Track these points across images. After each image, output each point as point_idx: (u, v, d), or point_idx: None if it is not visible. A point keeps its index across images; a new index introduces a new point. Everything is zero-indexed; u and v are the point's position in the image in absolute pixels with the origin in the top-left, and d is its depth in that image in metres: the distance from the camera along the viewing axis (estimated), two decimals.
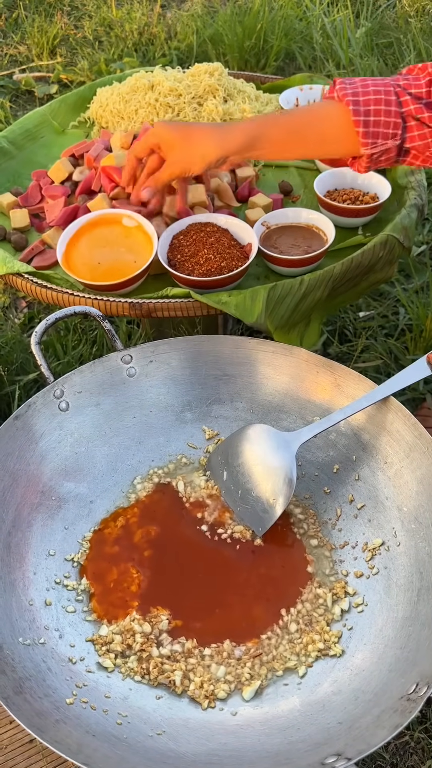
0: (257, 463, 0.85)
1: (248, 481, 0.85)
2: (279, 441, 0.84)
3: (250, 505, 0.84)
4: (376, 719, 0.65)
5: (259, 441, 0.86)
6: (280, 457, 0.83)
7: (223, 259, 1.01)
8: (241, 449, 0.87)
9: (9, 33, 2.12)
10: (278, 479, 0.83)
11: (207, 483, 0.89)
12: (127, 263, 1.02)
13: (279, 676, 0.74)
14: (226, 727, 0.70)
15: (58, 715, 0.67)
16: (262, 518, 0.83)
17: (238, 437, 0.87)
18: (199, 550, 0.83)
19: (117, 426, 0.91)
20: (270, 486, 0.83)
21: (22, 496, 0.82)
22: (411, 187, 1.14)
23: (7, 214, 1.17)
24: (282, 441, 0.84)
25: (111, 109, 1.29)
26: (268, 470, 0.84)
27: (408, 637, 0.71)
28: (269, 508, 0.83)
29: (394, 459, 0.83)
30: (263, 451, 0.85)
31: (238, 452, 0.87)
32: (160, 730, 0.69)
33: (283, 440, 0.84)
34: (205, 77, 1.27)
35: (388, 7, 2.05)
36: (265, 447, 0.85)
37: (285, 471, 0.83)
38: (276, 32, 1.88)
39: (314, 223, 1.08)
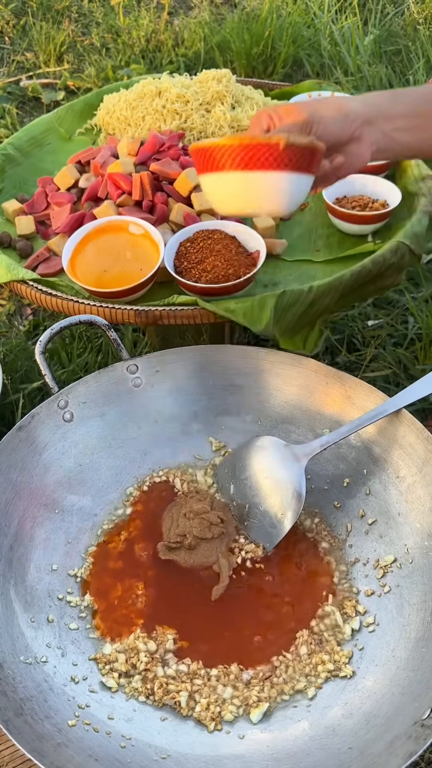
0: (265, 476, 0.83)
1: (256, 495, 0.83)
2: (288, 454, 0.82)
3: (258, 520, 0.82)
4: (389, 745, 0.62)
5: (267, 454, 0.83)
6: (289, 470, 0.81)
7: (230, 266, 0.99)
8: (248, 462, 0.84)
9: (16, 40, 2.12)
10: (287, 493, 0.81)
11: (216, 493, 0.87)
12: (134, 271, 1.01)
13: (287, 699, 0.71)
14: (233, 751, 0.67)
15: (59, 738, 0.64)
16: (270, 533, 0.81)
17: (246, 450, 0.85)
18: (207, 567, 0.80)
19: (122, 437, 0.90)
20: (278, 500, 0.81)
21: (24, 509, 0.80)
22: (422, 193, 1.12)
23: (13, 220, 1.15)
24: (291, 454, 0.82)
25: (118, 115, 1.27)
26: (277, 484, 0.82)
27: (421, 659, 0.69)
28: (278, 523, 0.81)
29: (407, 473, 0.81)
30: (271, 464, 0.83)
31: (245, 465, 0.85)
32: (165, 754, 0.67)
33: (291, 453, 0.82)
34: (212, 84, 1.26)
35: (396, 15, 2.04)
36: (273, 460, 0.83)
37: (294, 485, 0.80)
38: (284, 39, 1.87)
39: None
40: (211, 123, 1.22)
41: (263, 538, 0.81)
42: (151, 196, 1.08)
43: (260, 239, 1.03)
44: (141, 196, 1.08)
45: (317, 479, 0.87)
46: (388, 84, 1.73)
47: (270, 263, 1.05)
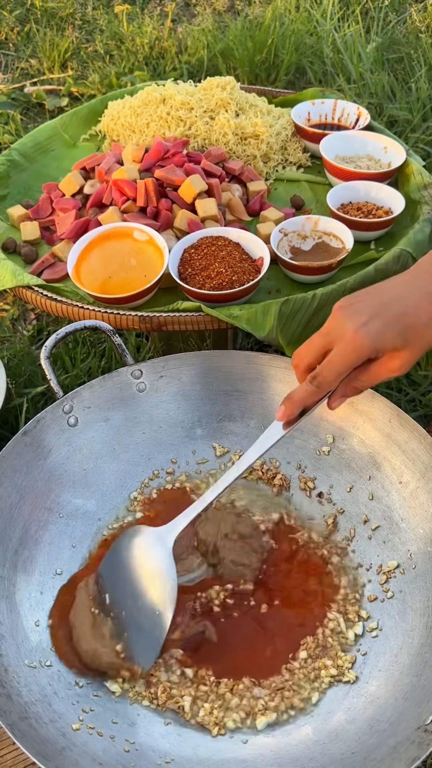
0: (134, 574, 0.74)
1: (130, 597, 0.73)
2: (152, 540, 0.74)
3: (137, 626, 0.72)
4: (392, 750, 0.63)
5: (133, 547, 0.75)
6: (156, 559, 0.73)
7: (234, 273, 0.99)
8: (116, 564, 0.75)
9: (20, 46, 2.13)
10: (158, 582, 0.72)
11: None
12: (138, 277, 1.01)
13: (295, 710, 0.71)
14: (237, 755, 0.68)
15: (64, 741, 0.65)
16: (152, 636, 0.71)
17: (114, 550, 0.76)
18: None
19: (126, 442, 0.90)
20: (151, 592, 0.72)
21: (29, 514, 0.81)
22: (424, 201, 1.13)
23: (18, 226, 1.16)
24: (155, 539, 0.74)
25: (122, 122, 1.28)
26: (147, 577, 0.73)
27: (425, 665, 0.69)
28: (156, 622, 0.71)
29: (410, 479, 0.81)
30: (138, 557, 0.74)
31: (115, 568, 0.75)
32: (169, 758, 0.67)
33: (156, 537, 0.74)
34: (217, 91, 1.27)
35: (398, 23, 2.06)
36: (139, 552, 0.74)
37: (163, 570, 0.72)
38: (287, 47, 1.88)
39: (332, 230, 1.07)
40: (216, 130, 1.23)
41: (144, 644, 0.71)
42: (156, 203, 1.09)
43: (264, 246, 1.03)
44: (145, 203, 1.08)
45: (321, 485, 0.87)
46: (390, 91, 1.74)
47: (274, 270, 1.06)
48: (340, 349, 0.69)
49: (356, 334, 0.68)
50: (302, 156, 1.28)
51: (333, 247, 1.07)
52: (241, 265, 1.01)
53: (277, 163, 1.27)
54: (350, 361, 0.69)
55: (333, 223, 1.07)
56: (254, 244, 1.04)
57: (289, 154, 1.28)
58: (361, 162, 1.22)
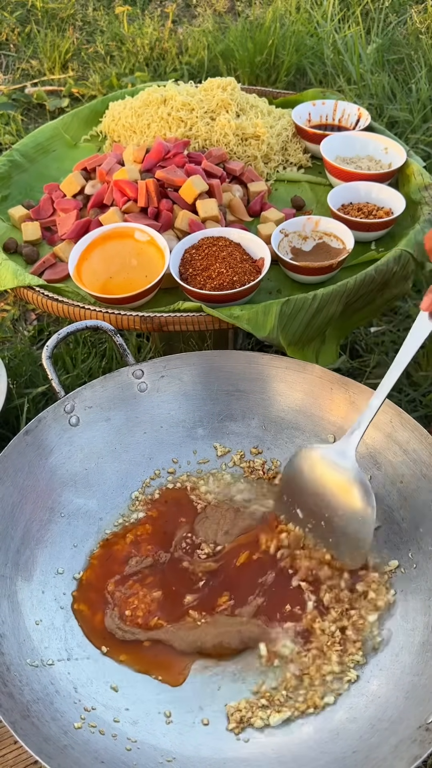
0: (326, 488, 0.79)
1: (326, 509, 0.79)
2: (333, 455, 0.79)
3: (341, 531, 0.79)
4: (394, 749, 0.63)
5: (316, 465, 0.80)
6: (343, 470, 0.78)
7: (235, 273, 1.00)
8: (303, 482, 0.81)
9: (21, 47, 2.13)
10: (354, 491, 0.77)
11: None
12: (139, 277, 1.02)
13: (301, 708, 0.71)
14: (238, 754, 0.68)
15: (66, 740, 0.65)
16: (357, 538, 0.77)
17: (294, 470, 0.82)
18: (216, 572, 0.80)
19: (127, 441, 0.90)
20: (351, 501, 0.78)
21: (31, 513, 0.81)
22: (425, 202, 1.13)
23: (19, 227, 1.16)
24: (336, 453, 0.79)
25: (123, 123, 1.28)
26: (339, 489, 0.79)
27: (425, 664, 0.69)
28: (362, 522, 0.77)
29: (411, 479, 0.81)
30: (324, 473, 0.80)
31: (302, 486, 0.81)
32: (171, 757, 0.67)
33: (337, 452, 0.79)
34: (217, 92, 1.27)
35: (399, 24, 2.06)
36: (324, 469, 0.80)
37: (355, 481, 0.77)
38: (287, 48, 1.88)
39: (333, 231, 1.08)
40: (216, 131, 1.23)
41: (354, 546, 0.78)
42: (157, 203, 1.09)
43: (265, 246, 1.03)
44: (146, 203, 1.09)
45: None
46: (390, 92, 1.74)
47: (274, 270, 1.06)
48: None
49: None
50: (303, 157, 1.29)
51: (334, 248, 1.07)
52: (242, 265, 1.01)
53: (277, 164, 1.27)
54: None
55: (334, 224, 1.08)
56: (255, 244, 1.04)
57: (289, 155, 1.29)
58: (361, 163, 1.22)
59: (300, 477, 0.81)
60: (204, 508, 0.85)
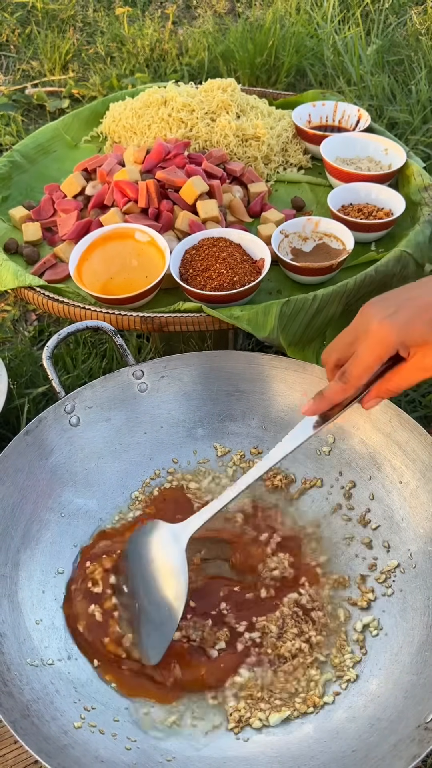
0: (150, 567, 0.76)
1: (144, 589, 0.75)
2: (167, 537, 0.76)
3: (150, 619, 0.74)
4: (393, 748, 0.63)
5: (149, 541, 0.77)
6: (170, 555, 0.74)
7: (235, 273, 1.00)
8: (134, 556, 0.78)
9: (22, 48, 2.14)
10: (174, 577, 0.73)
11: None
12: (139, 277, 1.02)
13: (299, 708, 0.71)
14: (238, 754, 0.68)
15: (66, 739, 0.65)
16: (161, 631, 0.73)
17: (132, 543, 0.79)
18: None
19: (128, 442, 0.90)
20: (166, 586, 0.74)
21: (31, 513, 0.81)
22: (425, 203, 1.13)
23: (20, 227, 1.16)
24: (171, 536, 0.75)
25: (124, 124, 1.29)
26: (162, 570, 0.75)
27: (424, 663, 0.69)
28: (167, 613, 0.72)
29: (410, 479, 0.81)
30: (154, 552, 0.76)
31: (132, 560, 0.78)
32: (170, 756, 0.67)
33: (171, 535, 0.75)
34: (218, 93, 1.27)
35: (398, 25, 2.06)
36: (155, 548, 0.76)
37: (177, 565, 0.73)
38: (287, 49, 1.89)
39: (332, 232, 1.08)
40: (217, 132, 1.23)
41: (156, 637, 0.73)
42: (157, 204, 1.09)
43: (265, 247, 1.04)
44: (147, 204, 1.09)
45: (321, 484, 0.87)
46: (390, 94, 1.74)
47: (274, 271, 1.06)
48: (365, 343, 0.68)
49: (381, 325, 0.67)
50: (303, 158, 1.29)
51: (334, 249, 1.08)
52: (242, 266, 1.01)
53: (277, 165, 1.27)
54: (376, 354, 0.68)
55: (334, 225, 1.08)
56: (255, 245, 1.04)
57: (289, 156, 1.29)
58: (361, 164, 1.23)
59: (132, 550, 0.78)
60: (198, 508, 0.85)
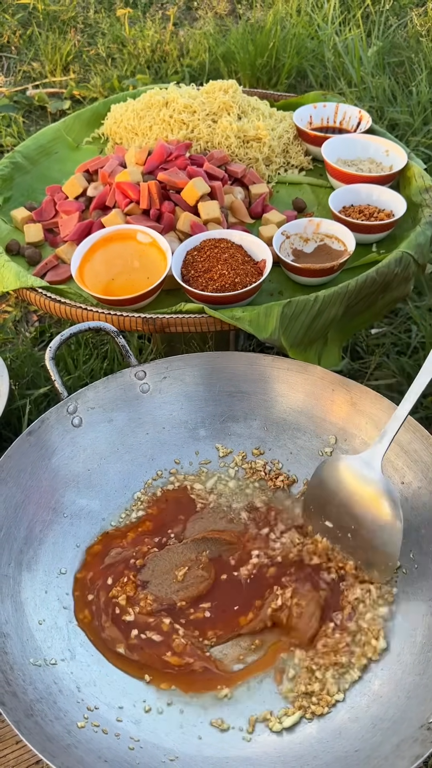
0: (353, 498, 0.79)
1: (353, 521, 0.79)
2: (360, 465, 0.79)
3: (368, 544, 0.78)
4: (396, 748, 0.63)
5: (340, 476, 0.80)
6: (370, 481, 0.78)
7: (237, 275, 1.00)
8: (328, 493, 0.81)
9: (23, 50, 2.14)
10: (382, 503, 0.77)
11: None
12: (141, 278, 1.02)
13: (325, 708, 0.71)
14: (241, 753, 0.68)
15: (69, 739, 0.65)
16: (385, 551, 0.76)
17: (318, 480, 0.82)
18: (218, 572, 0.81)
19: (130, 442, 0.91)
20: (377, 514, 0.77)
21: (34, 513, 0.81)
22: (426, 204, 1.13)
23: (22, 228, 1.17)
24: (363, 464, 0.78)
25: (125, 125, 1.29)
26: (366, 501, 0.78)
27: (427, 663, 0.69)
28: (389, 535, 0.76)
29: (412, 479, 0.82)
30: (351, 483, 0.79)
31: (327, 497, 0.81)
32: (173, 756, 0.67)
33: (363, 463, 0.79)
34: (219, 94, 1.27)
35: (399, 27, 2.07)
36: (351, 479, 0.79)
37: (382, 492, 0.77)
38: (288, 50, 1.89)
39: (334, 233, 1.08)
40: (218, 133, 1.24)
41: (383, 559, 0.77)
42: (159, 205, 1.10)
43: (266, 248, 1.04)
44: (149, 205, 1.09)
45: None
46: (391, 95, 1.75)
47: (276, 272, 1.06)
48: None
49: None
50: (304, 159, 1.29)
51: (335, 250, 1.08)
52: (244, 267, 1.02)
53: (279, 166, 1.28)
54: None
55: (335, 226, 1.08)
56: (256, 246, 1.05)
57: (291, 157, 1.29)
58: (362, 165, 1.23)
59: (326, 487, 0.81)
60: (202, 509, 0.86)
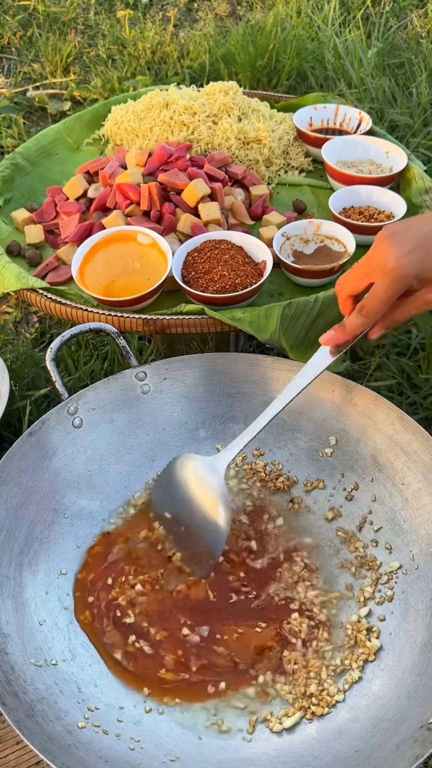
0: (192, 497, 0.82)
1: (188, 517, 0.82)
2: (206, 468, 0.82)
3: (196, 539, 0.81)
4: (396, 749, 0.63)
5: (187, 474, 0.83)
6: (209, 484, 0.81)
7: (237, 276, 1.00)
8: (174, 486, 0.84)
9: (23, 51, 2.14)
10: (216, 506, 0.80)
11: None
12: (141, 280, 1.02)
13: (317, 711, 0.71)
14: (241, 754, 0.68)
15: (70, 739, 0.65)
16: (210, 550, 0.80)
17: (170, 473, 0.85)
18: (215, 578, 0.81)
19: (130, 443, 0.91)
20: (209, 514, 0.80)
21: (35, 514, 0.81)
22: (426, 206, 1.14)
23: (22, 229, 1.17)
24: (209, 467, 0.82)
25: (126, 126, 1.29)
26: (203, 501, 0.81)
27: (427, 664, 0.70)
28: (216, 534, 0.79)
29: (412, 480, 0.82)
30: (194, 483, 0.82)
31: (172, 490, 0.84)
32: (174, 757, 0.67)
33: (209, 466, 0.82)
34: (219, 96, 1.28)
35: (399, 28, 2.07)
36: (195, 479, 0.82)
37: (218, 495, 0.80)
38: (288, 52, 1.89)
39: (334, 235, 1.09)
40: (218, 135, 1.24)
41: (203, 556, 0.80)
42: (159, 207, 1.10)
43: (267, 250, 1.04)
44: (149, 207, 1.09)
45: (323, 486, 0.88)
46: (391, 96, 1.75)
47: (276, 273, 1.07)
48: (384, 279, 0.72)
49: (399, 263, 0.71)
50: (304, 160, 1.29)
51: (335, 251, 1.08)
52: (244, 268, 1.02)
53: (279, 168, 1.28)
54: (395, 290, 0.73)
55: (335, 227, 1.08)
56: (257, 247, 1.05)
57: (291, 159, 1.29)
58: (362, 166, 1.23)
59: (173, 481, 0.84)
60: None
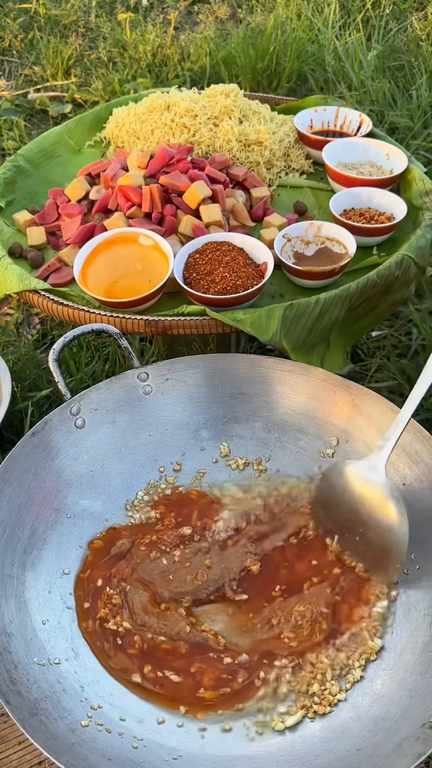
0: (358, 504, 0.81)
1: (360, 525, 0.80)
2: (364, 470, 0.80)
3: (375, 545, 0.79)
4: (397, 747, 0.64)
5: (346, 481, 0.82)
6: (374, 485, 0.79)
7: (238, 277, 1.01)
8: (335, 498, 0.83)
9: (24, 53, 2.15)
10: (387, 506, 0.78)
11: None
12: (143, 281, 1.03)
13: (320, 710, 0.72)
14: (244, 752, 0.69)
15: (73, 737, 0.66)
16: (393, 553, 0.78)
17: (326, 485, 0.84)
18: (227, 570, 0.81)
19: (132, 444, 0.91)
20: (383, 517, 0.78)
21: (37, 514, 0.82)
22: (426, 207, 1.14)
23: (24, 231, 1.17)
24: (367, 468, 0.80)
25: (127, 129, 1.30)
26: (372, 504, 0.79)
27: (429, 663, 0.70)
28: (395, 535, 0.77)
29: (413, 481, 0.82)
30: (356, 488, 0.81)
31: (334, 502, 0.83)
32: (177, 755, 0.68)
33: (366, 467, 0.80)
34: (220, 98, 1.28)
35: (399, 31, 2.08)
36: (355, 484, 0.81)
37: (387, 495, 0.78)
38: (288, 54, 1.90)
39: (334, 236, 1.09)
40: (220, 137, 1.24)
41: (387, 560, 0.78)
42: (161, 209, 1.10)
43: (268, 251, 1.04)
44: (150, 208, 1.10)
45: None
46: (391, 99, 1.75)
47: (277, 275, 1.07)
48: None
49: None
50: (305, 162, 1.30)
51: (336, 253, 1.09)
52: (245, 269, 1.02)
53: (280, 170, 1.28)
54: None
55: (336, 229, 1.09)
56: (258, 249, 1.05)
57: (291, 161, 1.30)
58: (363, 168, 1.24)
59: (333, 492, 0.83)
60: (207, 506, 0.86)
